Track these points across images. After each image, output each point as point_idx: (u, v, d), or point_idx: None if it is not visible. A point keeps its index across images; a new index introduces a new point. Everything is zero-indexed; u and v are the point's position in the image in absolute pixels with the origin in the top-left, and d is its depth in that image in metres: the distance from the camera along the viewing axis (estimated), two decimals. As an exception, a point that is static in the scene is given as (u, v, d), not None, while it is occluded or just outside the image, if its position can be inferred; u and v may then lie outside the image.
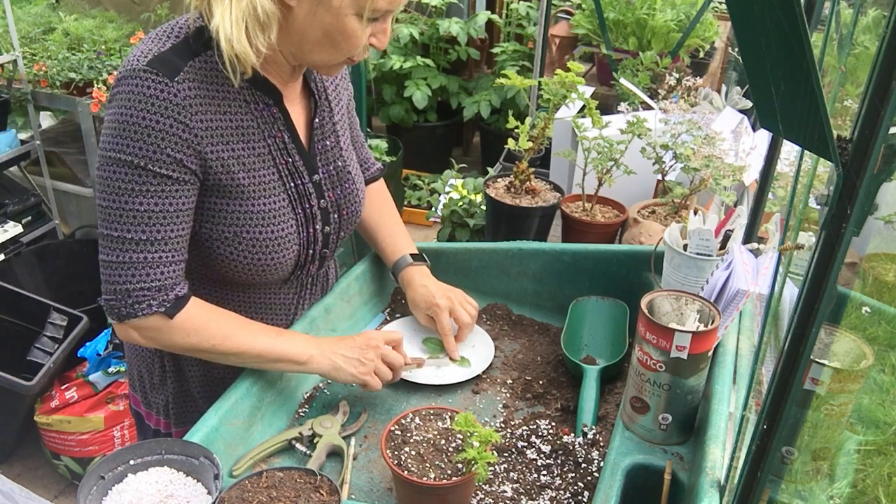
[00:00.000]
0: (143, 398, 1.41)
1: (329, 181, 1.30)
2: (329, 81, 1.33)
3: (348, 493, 1.13)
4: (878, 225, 1.25)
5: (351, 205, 1.34)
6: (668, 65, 2.75)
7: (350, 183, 1.33)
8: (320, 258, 1.33)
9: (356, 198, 1.35)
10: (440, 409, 1.15)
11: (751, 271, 1.23)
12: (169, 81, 1.05)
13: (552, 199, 1.78)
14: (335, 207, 1.31)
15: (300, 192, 1.24)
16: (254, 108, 1.17)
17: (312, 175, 1.26)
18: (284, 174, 1.21)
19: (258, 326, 1.23)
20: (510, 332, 1.54)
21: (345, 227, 1.35)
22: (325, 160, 1.30)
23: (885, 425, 1.20)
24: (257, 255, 1.19)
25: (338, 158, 1.32)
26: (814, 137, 0.53)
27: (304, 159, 1.25)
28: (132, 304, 1.10)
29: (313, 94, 1.28)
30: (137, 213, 1.07)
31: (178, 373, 1.35)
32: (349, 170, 1.33)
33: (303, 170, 1.24)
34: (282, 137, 1.21)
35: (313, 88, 1.28)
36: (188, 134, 1.08)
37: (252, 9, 1.04)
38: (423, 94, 4.23)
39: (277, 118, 1.20)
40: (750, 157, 1.84)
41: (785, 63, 0.53)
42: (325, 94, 1.32)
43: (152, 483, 0.99)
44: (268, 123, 1.18)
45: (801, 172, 1.03)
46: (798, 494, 1.10)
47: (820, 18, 1.17)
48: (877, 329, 1.22)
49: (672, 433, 1.15)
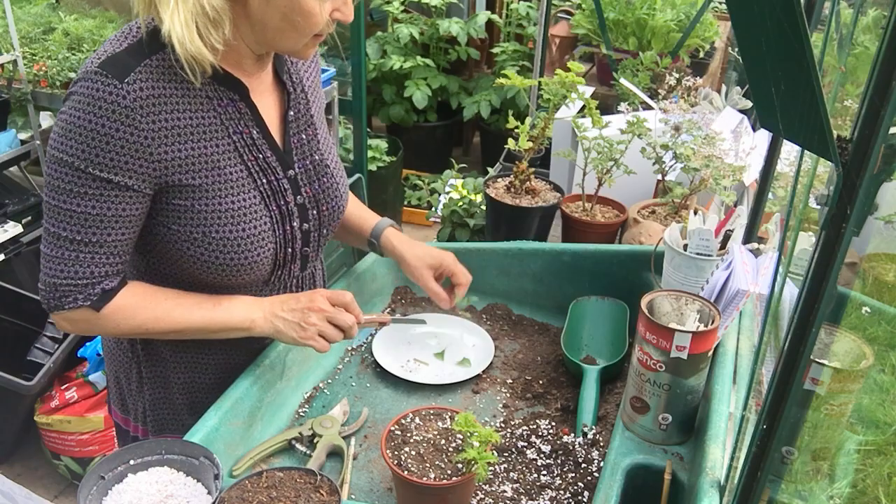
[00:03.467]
0: (121, 404, 1.39)
1: (306, 176, 1.26)
2: (306, 71, 1.30)
3: (348, 493, 1.13)
4: (878, 225, 1.25)
5: (331, 200, 1.30)
6: (668, 65, 2.75)
7: (329, 177, 1.29)
8: (302, 258, 1.29)
9: (336, 192, 1.31)
10: (440, 409, 1.15)
11: (751, 271, 1.23)
12: (118, 83, 1.03)
13: (552, 199, 1.78)
14: (314, 203, 1.27)
15: (273, 189, 1.20)
16: (216, 105, 1.13)
17: (287, 170, 1.22)
18: (254, 170, 1.18)
19: (194, 300, 1.19)
20: (510, 332, 1.54)
21: (326, 224, 1.31)
22: (301, 154, 1.25)
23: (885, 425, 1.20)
24: (229, 255, 1.16)
25: (315, 152, 1.27)
26: (814, 137, 0.53)
27: (277, 154, 1.21)
28: (59, 297, 1.11)
29: (285, 85, 1.24)
30: (74, 214, 1.07)
31: (158, 379, 1.31)
32: (328, 163, 1.29)
33: (276, 165, 1.20)
34: (249, 133, 1.17)
35: (286, 80, 1.24)
36: (136, 137, 1.05)
37: (200, 7, 1.02)
38: (423, 94, 4.22)
39: (244, 113, 1.16)
40: (750, 157, 1.84)
41: (785, 63, 0.53)
42: (301, 86, 1.28)
43: (152, 483, 0.99)
44: (233, 119, 1.15)
45: (801, 172, 1.03)
46: (798, 494, 1.10)
47: (820, 18, 1.17)
48: (877, 329, 1.22)
49: (672, 433, 1.15)
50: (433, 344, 1.48)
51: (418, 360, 1.44)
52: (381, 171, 3.62)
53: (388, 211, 3.72)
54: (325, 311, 1.21)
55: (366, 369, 1.43)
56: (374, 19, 4.55)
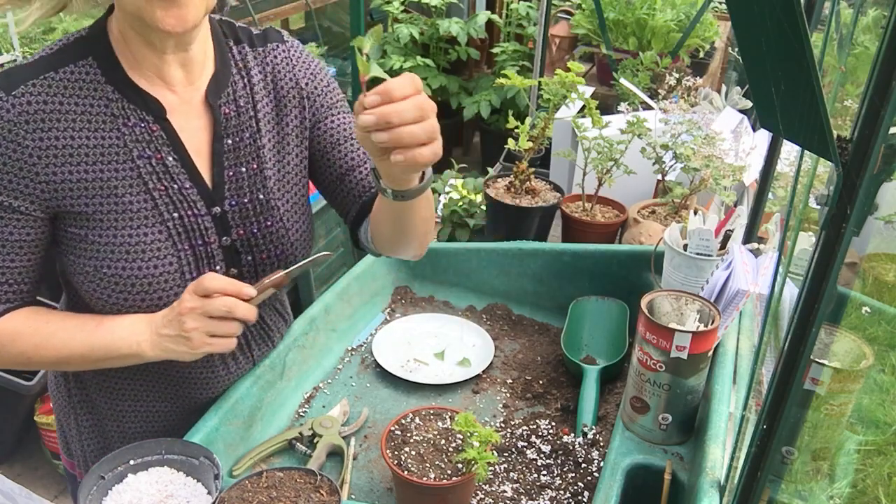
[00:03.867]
0: (66, 449, 1.30)
1: (239, 215, 1.10)
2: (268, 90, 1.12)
3: (348, 493, 1.13)
4: (878, 225, 1.24)
5: (273, 245, 1.13)
6: (668, 65, 2.75)
7: (274, 219, 1.12)
8: None
9: (282, 237, 1.13)
10: (440, 409, 1.15)
11: (751, 271, 1.23)
12: (3, 95, 0.95)
13: (552, 199, 1.78)
14: (247, 247, 1.11)
15: (187, 226, 1.05)
16: (122, 125, 1.01)
17: (212, 207, 1.07)
18: (163, 203, 1.03)
19: (76, 322, 1.05)
20: (510, 332, 1.54)
21: (266, 271, 1.13)
22: (236, 190, 1.09)
23: (885, 425, 1.20)
24: (124, 296, 1.03)
25: (258, 190, 1.10)
26: (814, 137, 0.53)
27: (200, 188, 1.06)
28: None
29: (216, 109, 1.07)
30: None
31: (95, 428, 1.23)
32: (275, 204, 1.12)
33: (195, 199, 1.06)
34: (161, 159, 1.03)
35: (215, 104, 1.07)
36: (20, 154, 0.96)
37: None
38: (423, 94, 4.22)
39: (156, 136, 1.03)
40: (750, 157, 1.84)
41: (785, 63, 0.53)
42: (252, 114, 1.10)
43: (152, 483, 0.99)
44: (140, 142, 1.02)
45: (801, 172, 1.03)
46: (798, 494, 1.10)
47: (820, 18, 1.17)
48: (877, 329, 1.22)
49: (672, 433, 1.15)
50: (433, 344, 1.48)
51: (418, 360, 1.44)
52: (381, 171, 3.61)
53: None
54: (195, 308, 0.99)
55: (366, 369, 1.43)
56: (374, 19, 4.55)
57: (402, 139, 0.83)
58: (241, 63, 1.11)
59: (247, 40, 1.13)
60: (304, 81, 1.15)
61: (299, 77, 1.15)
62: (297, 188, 1.17)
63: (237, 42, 1.12)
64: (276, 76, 1.13)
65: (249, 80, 1.11)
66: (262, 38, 1.15)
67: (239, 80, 1.10)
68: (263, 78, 1.12)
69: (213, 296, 0.99)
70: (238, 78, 1.10)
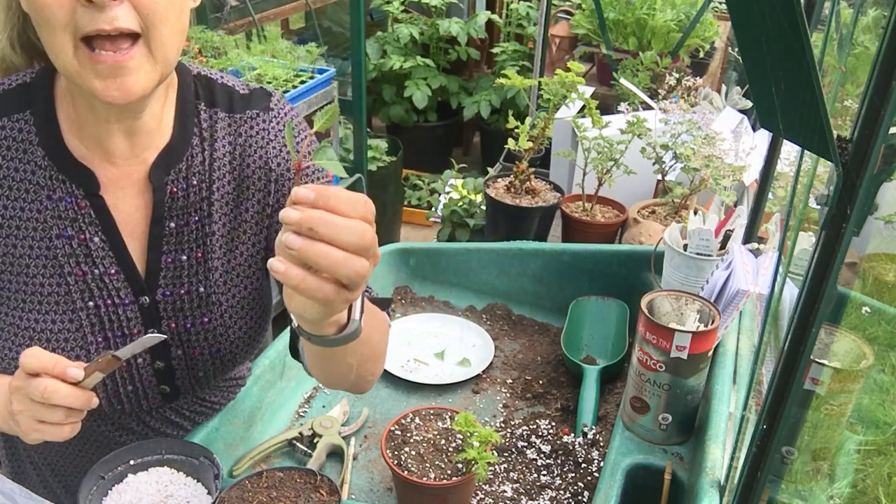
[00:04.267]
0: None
1: (172, 307, 0.97)
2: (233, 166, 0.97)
3: (348, 493, 1.13)
4: (878, 225, 1.24)
5: (209, 343, 1.01)
6: (668, 65, 2.74)
7: (214, 316, 0.99)
8: (162, 395, 1.03)
9: (220, 335, 1.01)
10: (440, 409, 1.15)
11: (751, 271, 1.23)
12: None
13: (552, 199, 1.78)
14: (178, 341, 0.99)
15: (103, 316, 0.94)
16: (45, 197, 0.89)
17: (140, 296, 0.95)
18: (77, 289, 0.92)
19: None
20: (510, 332, 1.54)
21: (201, 366, 1.02)
22: (172, 279, 0.97)
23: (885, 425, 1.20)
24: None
25: (199, 282, 0.98)
26: (814, 137, 0.53)
27: (128, 273, 0.94)
28: None
29: (158, 189, 0.93)
30: None
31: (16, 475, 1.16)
32: (216, 299, 0.99)
33: (118, 286, 0.94)
34: (85, 241, 0.91)
35: (170, 180, 0.94)
36: None
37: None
38: (423, 94, 4.23)
39: (84, 214, 0.90)
40: (750, 157, 1.84)
41: (785, 63, 0.53)
42: (205, 190, 0.95)
43: (152, 483, 0.99)
44: (62, 220, 0.90)
45: (801, 172, 1.03)
46: (798, 494, 1.10)
47: (820, 18, 1.17)
48: (877, 329, 1.22)
49: (672, 433, 1.15)
50: (433, 344, 1.48)
51: (418, 360, 1.44)
52: (381, 171, 3.62)
53: (388, 211, 3.72)
54: (19, 388, 0.82)
55: (366, 369, 1.43)
56: (374, 19, 4.55)
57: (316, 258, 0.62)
58: (206, 132, 0.96)
59: (224, 104, 0.98)
60: (277, 161, 0.99)
61: (271, 155, 0.98)
62: (249, 281, 1.02)
63: (210, 104, 0.97)
64: (246, 151, 0.98)
65: (211, 155, 0.96)
66: (245, 102, 0.99)
67: (198, 153, 0.95)
68: (231, 151, 0.97)
69: (39, 374, 0.80)
70: (198, 151, 0.95)
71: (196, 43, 2.48)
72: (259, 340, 1.08)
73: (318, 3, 3.75)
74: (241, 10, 3.08)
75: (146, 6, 0.79)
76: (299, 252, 0.62)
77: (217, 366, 1.04)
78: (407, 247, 1.65)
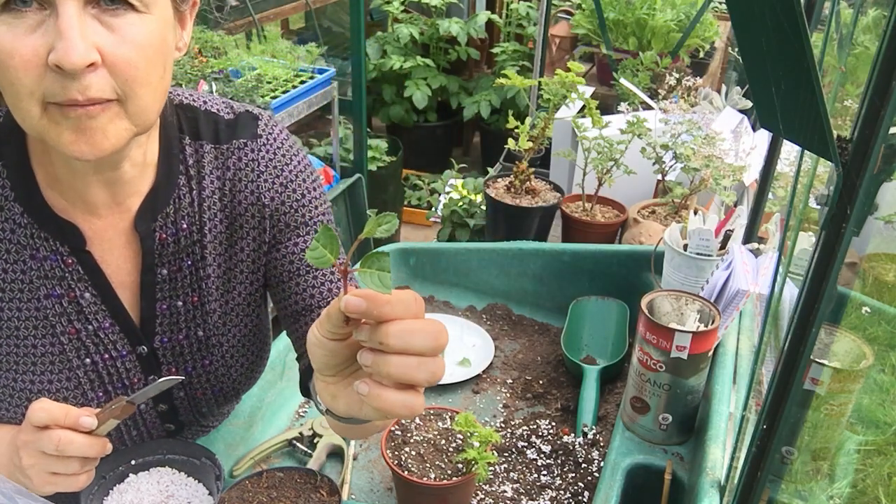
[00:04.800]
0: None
1: (171, 353, 0.95)
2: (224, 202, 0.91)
3: (348, 494, 1.13)
4: (878, 225, 1.25)
5: (211, 385, 0.99)
6: (668, 65, 2.74)
7: (215, 358, 0.97)
8: (169, 433, 1.03)
9: (223, 377, 1.00)
10: (440, 409, 1.15)
11: (751, 271, 1.23)
12: None
13: (552, 199, 1.78)
14: (180, 385, 0.98)
15: (101, 371, 0.91)
16: (28, 257, 0.84)
17: (138, 346, 0.92)
18: (72, 348, 0.88)
19: None
20: (510, 332, 1.54)
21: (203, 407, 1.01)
22: (169, 326, 0.93)
23: (885, 425, 1.20)
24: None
25: (196, 326, 0.95)
26: (814, 137, 0.53)
27: (123, 324, 0.91)
28: None
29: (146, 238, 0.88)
30: None
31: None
32: (216, 341, 0.96)
33: (114, 339, 0.90)
34: (74, 298, 0.87)
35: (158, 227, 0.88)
36: None
37: None
38: (423, 94, 4.23)
39: (72, 271, 0.86)
40: (750, 157, 1.84)
41: (785, 63, 0.53)
42: (196, 233, 0.91)
43: (153, 483, 0.99)
44: (49, 279, 0.85)
45: (801, 172, 1.03)
46: (798, 494, 1.10)
47: (820, 18, 1.17)
48: (877, 329, 1.22)
49: (672, 433, 1.15)
50: (433, 344, 1.48)
51: (418, 360, 1.44)
52: (381, 171, 3.62)
53: (387, 211, 3.71)
54: (29, 442, 0.79)
55: (366, 369, 1.42)
56: (374, 19, 4.55)
57: (388, 371, 0.58)
58: (193, 169, 0.90)
59: (209, 135, 0.91)
60: (270, 195, 0.92)
61: (263, 189, 0.92)
62: (248, 319, 0.99)
63: (195, 137, 0.90)
64: (236, 186, 0.91)
65: (200, 193, 0.90)
66: (231, 130, 0.92)
67: (185, 193, 0.89)
68: (221, 187, 0.91)
69: (50, 426, 0.78)
70: (185, 191, 0.89)
71: (196, 43, 2.48)
72: (261, 370, 1.07)
73: (318, 3, 3.75)
74: (241, 10, 3.08)
75: (124, 71, 0.71)
76: (373, 368, 0.58)
77: (220, 402, 1.03)
78: (407, 247, 1.65)
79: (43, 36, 0.67)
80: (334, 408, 0.66)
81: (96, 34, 0.69)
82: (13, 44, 0.67)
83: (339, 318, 0.59)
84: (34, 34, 0.67)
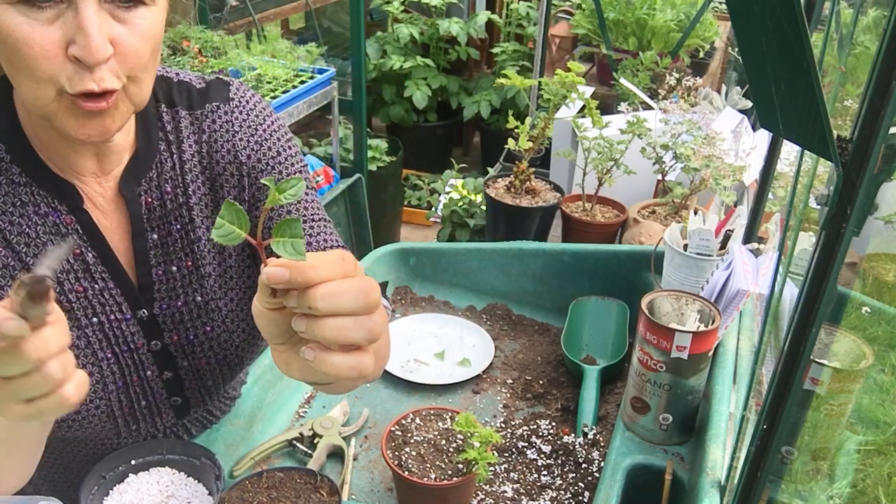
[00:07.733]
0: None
1: (171, 319, 0.96)
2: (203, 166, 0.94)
3: (349, 494, 1.13)
4: (878, 225, 1.25)
5: (214, 352, 1.00)
6: (668, 65, 2.74)
7: (216, 324, 0.98)
8: (174, 407, 1.02)
9: (226, 343, 1.00)
10: (440, 409, 1.15)
11: (751, 271, 1.23)
12: None
13: (552, 199, 1.78)
14: (183, 353, 0.98)
15: (107, 332, 0.92)
16: (32, 213, 0.86)
17: (137, 310, 0.93)
18: (80, 306, 0.89)
19: None
20: (510, 332, 1.54)
21: (209, 374, 1.01)
22: (167, 292, 0.95)
23: (885, 425, 1.20)
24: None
25: (194, 291, 0.96)
26: (814, 137, 0.53)
27: (123, 287, 0.91)
28: None
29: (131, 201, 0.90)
30: None
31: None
32: (215, 306, 0.97)
33: (119, 300, 0.91)
34: (80, 255, 0.88)
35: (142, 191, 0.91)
36: None
37: None
38: (423, 94, 4.23)
39: (71, 230, 0.87)
40: (750, 157, 1.84)
41: (785, 63, 0.53)
42: (181, 196, 0.93)
43: (153, 483, 0.99)
44: (54, 235, 0.86)
45: (801, 172, 1.03)
46: (798, 494, 1.10)
47: (820, 18, 1.17)
48: (877, 329, 1.23)
49: (672, 433, 1.15)
50: (433, 344, 1.48)
51: (418, 360, 1.44)
52: (381, 171, 3.63)
53: (388, 211, 3.72)
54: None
55: (366, 369, 1.43)
56: (374, 19, 4.55)
57: (324, 335, 0.59)
58: (171, 135, 0.93)
59: (184, 102, 0.94)
60: (246, 153, 0.95)
61: (239, 147, 0.95)
62: (244, 282, 1.00)
63: (171, 105, 0.94)
64: (213, 147, 0.94)
65: (180, 157, 0.93)
66: (203, 96, 0.95)
67: (167, 158, 0.92)
68: (199, 150, 0.94)
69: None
70: (166, 156, 0.92)
71: (196, 43, 2.48)
72: (262, 338, 1.05)
73: (318, 3, 3.75)
74: (241, 10, 3.09)
75: (132, 60, 0.76)
76: (308, 333, 0.59)
77: (225, 372, 1.04)
78: (407, 247, 1.65)
79: (61, 28, 0.71)
80: (290, 374, 0.67)
81: (110, 27, 0.74)
82: (32, 35, 0.71)
83: (266, 290, 0.60)
84: (52, 26, 0.71)
